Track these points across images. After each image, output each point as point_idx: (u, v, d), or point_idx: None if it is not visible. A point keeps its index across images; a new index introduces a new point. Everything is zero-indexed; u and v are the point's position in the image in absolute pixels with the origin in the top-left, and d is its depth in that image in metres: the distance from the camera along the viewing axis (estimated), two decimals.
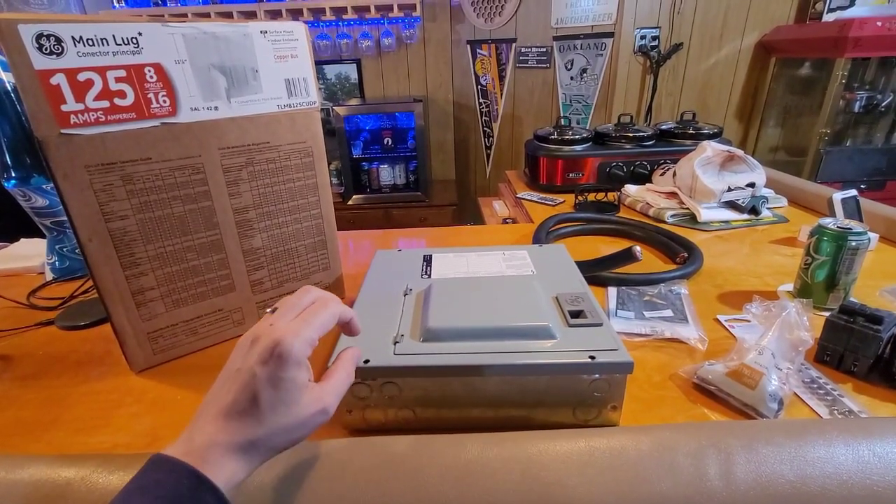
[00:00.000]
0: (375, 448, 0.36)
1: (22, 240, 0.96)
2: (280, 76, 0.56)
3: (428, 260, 0.63)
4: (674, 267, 0.77)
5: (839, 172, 1.99)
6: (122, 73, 0.46)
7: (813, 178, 1.96)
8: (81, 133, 0.46)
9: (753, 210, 0.99)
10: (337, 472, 0.35)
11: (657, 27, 2.08)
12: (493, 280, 0.56)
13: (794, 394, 0.48)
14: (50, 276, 0.81)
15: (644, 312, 0.63)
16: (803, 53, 2.05)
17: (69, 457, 0.36)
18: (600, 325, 0.46)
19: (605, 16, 2.04)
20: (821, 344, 0.53)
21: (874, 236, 0.83)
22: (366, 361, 0.41)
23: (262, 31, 0.53)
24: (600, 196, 1.13)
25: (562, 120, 1.32)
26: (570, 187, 1.19)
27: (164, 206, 0.52)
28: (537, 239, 0.89)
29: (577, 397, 0.43)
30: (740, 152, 1.02)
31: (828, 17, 2.03)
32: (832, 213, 0.89)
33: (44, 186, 0.72)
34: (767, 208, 1.03)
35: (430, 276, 0.59)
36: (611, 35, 2.05)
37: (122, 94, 0.47)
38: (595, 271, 0.71)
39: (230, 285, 0.60)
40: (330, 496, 0.33)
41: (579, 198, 1.11)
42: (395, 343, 0.44)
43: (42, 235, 0.81)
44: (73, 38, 0.43)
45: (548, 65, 2.30)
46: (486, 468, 0.34)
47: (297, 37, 0.56)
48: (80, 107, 0.45)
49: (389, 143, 2.77)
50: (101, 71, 0.45)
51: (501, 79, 2.55)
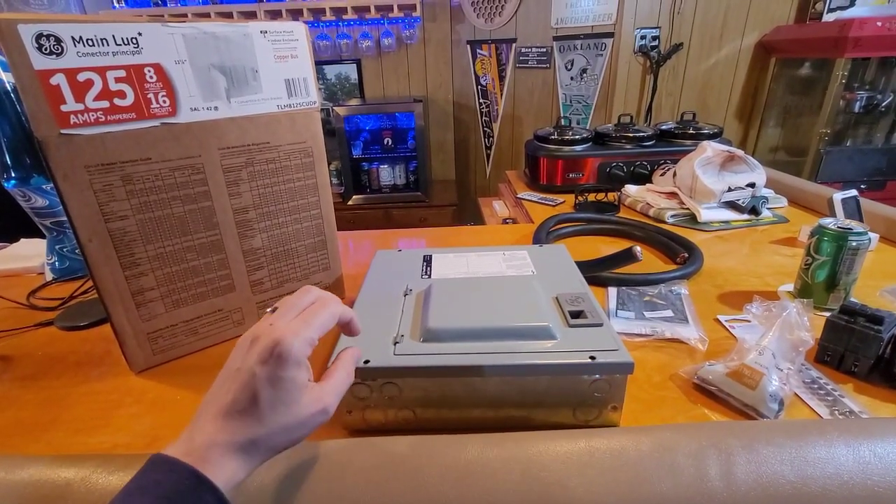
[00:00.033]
0: (375, 448, 0.36)
1: (22, 240, 0.96)
2: (280, 76, 0.56)
3: (428, 260, 0.63)
4: (674, 267, 0.77)
5: (839, 172, 1.99)
6: (122, 74, 0.46)
7: (813, 179, 1.96)
8: (81, 133, 0.46)
9: (754, 210, 0.99)
10: (337, 472, 0.35)
11: (657, 27, 2.08)
12: (494, 280, 0.56)
13: (795, 394, 0.48)
14: (50, 276, 0.81)
15: (644, 313, 0.63)
16: (803, 53, 2.05)
17: (69, 457, 0.36)
18: (600, 325, 0.46)
19: (605, 16, 2.04)
20: (821, 344, 0.53)
21: (874, 236, 0.83)
22: (366, 362, 0.41)
23: (262, 32, 0.53)
24: (600, 196, 1.13)
25: (562, 120, 1.32)
26: (571, 187, 1.19)
27: (164, 207, 0.52)
28: (537, 239, 0.89)
29: (578, 398, 0.43)
30: (740, 152, 1.02)
31: (828, 17, 2.03)
32: (832, 214, 0.88)
33: (44, 187, 0.72)
34: (768, 208, 1.03)
35: (430, 276, 0.59)
36: (611, 35, 2.05)
37: (122, 95, 0.47)
38: (595, 271, 0.71)
39: (230, 285, 0.60)
40: (330, 496, 0.33)
41: (579, 198, 1.11)
42: (395, 343, 0.44)
43: (42, 236, 0.81)
44: (73, 39, 0.43)
45: (548, 65, 2.30)
46: (487, 468, 0.34)
47: (297, 37, 0.56)
48: (80, 107, 0.45)
49: (389, 143, 2.77)
50: (101, 71, 0.45)
51: (501, 79, 2.55)
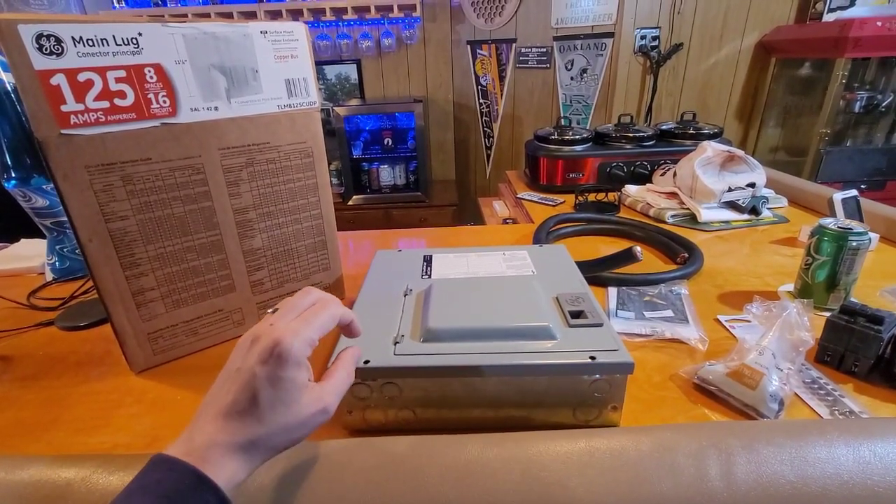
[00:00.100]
0: (375, 448, 0.36)
1: (22, 240, 0.96)
2: (280, 76, 0.56)
3: (428, 260, 0.63)
4: (674, 267, 0.77)
5: (839, 172, 1.99)
6: (122, 74, 0.46)
7: (813, 179, 1.96)
8: (81, 133, 0.46)
9: (754, 210, 0.99)
10: (337, 472, 0.35)
11: (657, 27, 2.08)
12: (494, 280, 0.56)
13: (795, 394, 0.48)
14: (50, 276, 0.81)
15: (644, 313, 0.63)
16: (803, 53, 2.05)
17: (69, 457, 0.36)
18: (601, 325, 0.46)
19: (605, 16, 2.04)
20: (821, 344, 0.53)
21: (874, 236, 0.83)
22: (366, 362, 0.41)
23: (262, 32, 0.53)
24: (600, 196, 1.13)
25: (562, 120, 1.32)
26: (571, 187, 1.19)
27: (165, 207, 0.52)
28: (537, 239, 0.89)
29: (578, 398, 0.43)
30: (740, 152, 1.02)
31: (828, 18, 2.03)
32: (832, 214, 0.88)
33: (44, 187, 0.72)
34: (768, 208, 1.03)
35: (430, 276, 0.59)
36: (611, 35, 2.05)
37: (122, 95, 0.47)
38: (595, 271, 0.71)
39: (230, 286, 0.60)
40: (330, 497, 0.33)
41: (579, 198, 1.11)
42: (395, 343, 0.44)
43: (42, 236, 0.81)
44: (73, 39, 0.43)
45: (548, 65, 2.30)
46: (487, 468, 0.34)
47: (298, 37, 0.56)
48: (80, 107, 0.45)
49: (389, 143, 2.77)
50: (101, 71, 0.45)
51: (501, 79, 2.55)
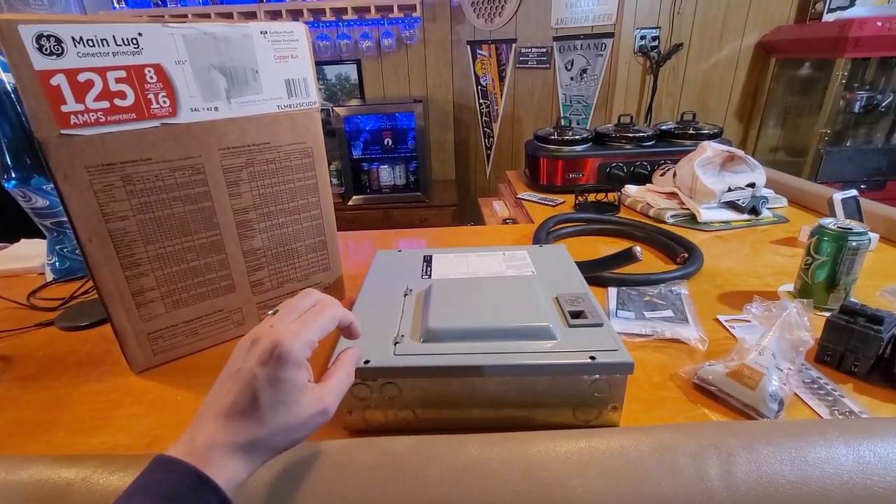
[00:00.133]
0: (376, 448, 0.36)
1: (22, 240, 0.96)
2: (280, 77, 0.56)
3: (428, 260, 0.63)
4: (674, 267, 0.77)
5: (839, 172, 1.99)
6: (123, 74, 0.46)
7: (813, 179, 1.96)
8: (81, 133, 0.46)
9: (753, 210, 0.99)
10: (337, 472, 0.35)
11: (657, 27, 2.08)
12: (494, 280, 0.56)
13: (795, 394, 0.48)
14: (50, 276, 0.81)
15: (644, 313, 0.63)
16: (803, 54, 2.05)
17: (69, 457, 0.36)
18: (600, 325, 0.46)
19: (605, 16, 2.04)
20: (821, 344, 0.53)
21: (874, 236, 0.83)
22: (366, 362, 0.41)
23: (262, 32, 0.53)
24: (600, 196, 1.13)
25: (562, 120, 1.32)
26: (571, 188, 1.19)
27: (165, 207, 0.52)
28: (537, 239, 0.89)
29: (578, 398, 0.43)
30: (740, 152, 1.02)
31: (828, 18, 2.03)
32: (832, 214, 0.88)
33: (44, 187, 0.72)
34: (767, 208, 1.03)
35: (430, 276, 0.59)
36: (611, 35, 2.05)
37: (123, 95, 0.47)
38: (595, 272, 0.71)
39: (230, 286, 0.60)
40: (330, 497, 0.33)
41: (579, 198, 1.11)
42: (395, 343, 0.44)
43: (42, 236, 0.81)
44: (74, 39, 0.43)
45: (548, 65, 2.30)
46: (487, 468, 0.34)
47: (297, 37, 0.56)
48: (81, 107, 0.45)
49: (389, 143, 2.77)
50: (101, 71, 0.45)
51: (501, 79, 2.55)
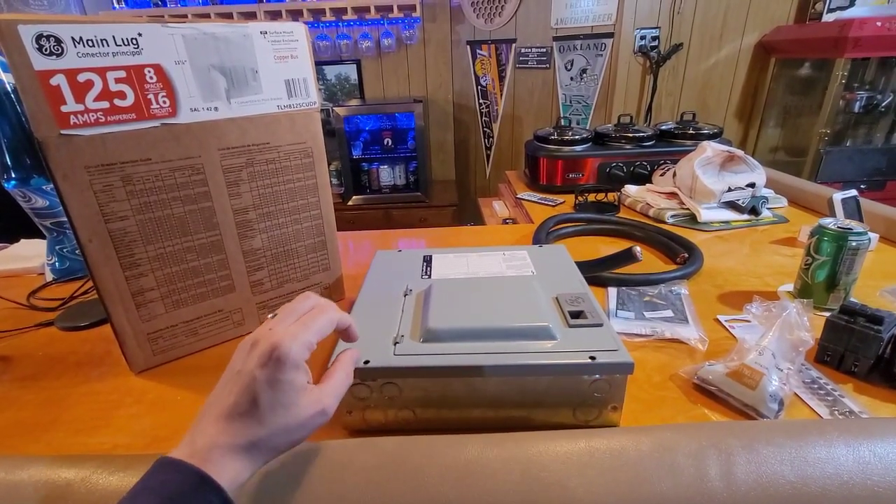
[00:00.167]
0: (375, 448, 0.36)
1: (22, 240, 0.96)
2: (280, 77, 0.56)
3: (428, 260, 0.63)
4: (674, 267, 0.77)
5: (839, 172, 1.99)
6: (122, 74, 0.46)
7: (813, 179, 1.96)
8: (81, 134, 0.46)
9: (753, 210, 0.99)
10: (337, 472, 0.35)
11: (657, 27, 2.08)
12: (494, 280, 0.56)
13: (795, 394, 0.48)
14: (50, 276, 0.81)
15: (644, 313, 0.63)
16: (803, 54, 2.05)
17: (69, 458, 0.36)
18: (600, 325, 0.46)
19: (605, 16, 2.04)
20: (821, 344, 0.53)
21: (874, 236, 0.83)
22: (366, 362, 0.41)
23: (261, 32, 0.53)
24: (600, 196, 1.13)
25: (562, 120, 1.32)
26: (570, 188, 1.19)
27: (164, 207, 0.52)
28: (537, 239, 0.89)
29: (578, 398, 0.43)
30: (740, 152, 1.02)
31: (827, 18, 2.03)
32: (832, 214, 0.88)
33: (44, 187, 0.72)
34: (767, 208, 1.03)
35: (430, 276, 0.59)
36: (611, 35, 2.05)
37: (122, 95, 0.47)
38: (595, 272, 0.71)
39: (230, 286, 0.60)
40: (330, 497, 0.33)
41: (579, 198, 1.11)
42: (395, 343, 0.44)
43: (42, 236, 0.81)
44: (73, 39, 0.43)
45: (548, 65, 2.30)
46: (487, 469, 0.34)
47: (297, 37, 0.56)
48: (80, 107, 0.45)
49: (389, 143, 2.77)
50: (101, 72, 0.45)
51: (501, 79, 2.55)
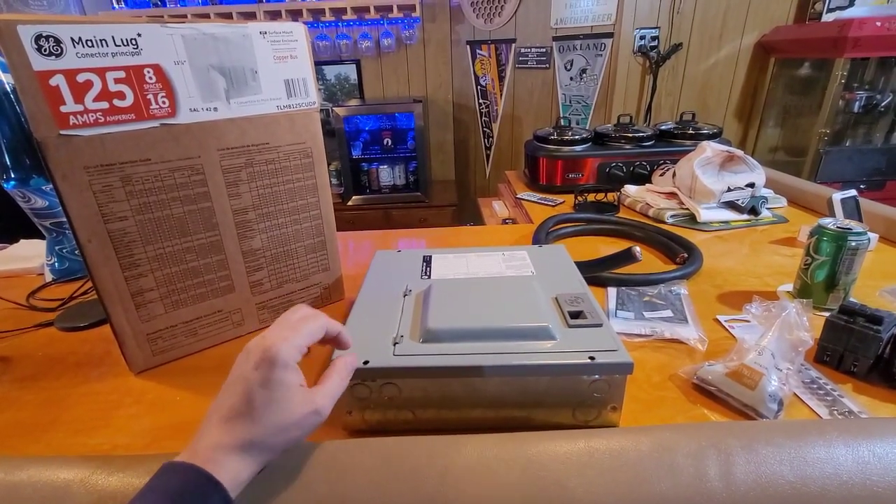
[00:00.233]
0: (375, 449, 0.36)
1: (21, 241, 0.96)
2: (279, 77, 0.56)
3: (427, 260, 0.63)
4: (673, 267, 0.77)
5: (839, 172, 1.99)
6: (122, 74, 0.46)
7: (812, 179, 1.96)
8: (80, 134, 0.46)
9: (753, 210, 0.99)
10: (337, 472, 0.35)
11: (657, 27, 2.08)
12: (493, 281, 0.56)
13: (794, 394, 0.48)
14: (49, 277, 0.80)
15: (644, 313, 0.63)
16: (803, 53, 2.05)
17: (68, 458, 0.36)
18: (600, 325, 0.46)
19: (605, 16, 2.04)
20: (821, 344, 0.53)
21: (874, 236, 0.83)
22: (365, 362, 0.41)
23: (261, 32, 0.53)
24: (600, 196, 1.13)
25: (561, 120, 1.32)
26: (570, 188, 1.19)
27: (164, 207, 0.52)
28: (537, 239, 0.89)
29: (577, 398, 0.43)
30: (740, 152, 1.02)
31: (827, 17, 2.03)
32: (832, 214, 0.89)
33: (43, 187, 0.72)
34: (767, 208, 1.03)
35: (429, 276, 0.59)
36: (610, 35, 2.06)
37: (122, 95, 0.47)
38: (595, 272, 0.71)
39: (230, 286, 0.60)
40: (330, 497, 0.33)
41: (579, 198, 1.11)
42: (394, 344, 0.44)
43: (42, 237, 0.81)
44: (73, 39, 0.43)
45: (547, 65, 2.30)
46: (486, 469, 0.34)
47: (297, 37, 0.56)
48: (80, 108, 0.45)
49: (389, 143, 2.77)
50: (101, 72, 0.45)
51: (501, 79, 2.55)
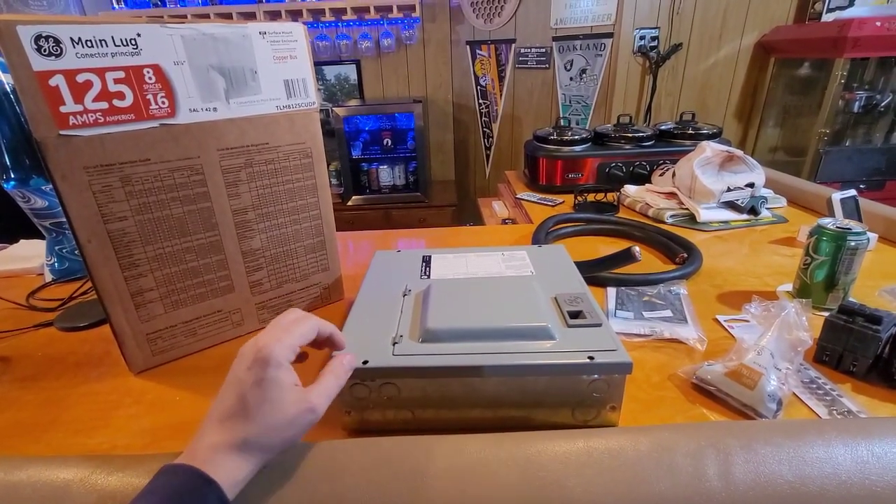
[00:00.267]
0: (374, 448, 0.36)
1: (21, 241, 0.96)
2: (279, 77, 0.56)
3: (427, 260, 0.63)
4: (673, 267, 0.77)
5: (838, 172, 1.99)
6: (121, 75, 0.46)
7: (812, 178, 1.96)
8: (80, 134, 0.46)
9: (753, 210, 0.99)
10: (336, 472, 0.35)
11: (656, 27, 2.08)
12: (493, 281, 0.56)
13: (793, 394, 0.48)
14: (49, 277, 0.80)
15: (643, 313, 0.63)
16: (802, 53, 2.05)
17: (68, 458, 0.36)
18: (599, 325, 0.46)
19: (605, 16, 2.04)
20: (820, 344, 0.53)
21: (873, 236, 0.83)
22: (364, 362, 0.41)
23: (260, 32, 0.53)
24: (599, 196, 1.13)
25: (561, 120, 1.32)
26: (570, 188, 1.19)
27: (163, 208, 0.52)
28: (536, 239, 0.89)
29: (576, 398, 0.43)
30: (739, 152, 1.02)
31: (827, 17, 2.03)
32: (831, 213, 0.89)
33: (43, 188, 0.72)
34: (767, 208, 1.03)
35: (429, 276, 0.59)
36: (610, 35, 2.06)
37: (121, 96, 0.47)
38: (594, 272, 0.71)
39: (229, 286, 0.60)
40: (329, 497, 0.33)
41: (579, 198, 1.11)
42: (393, 344, 0.44)
43: (41, 237, 0.81)
44: (72, 40, 0.43)
45: (547, 65, 2.30)
46: (485, 468, 0.34)
47: (296, 38, 0.56)
48: (79, 108, 0.45)
49: (389, 143, 2.77)
50: (100, 72, 0.45)
51: (501, 79, 2.55)
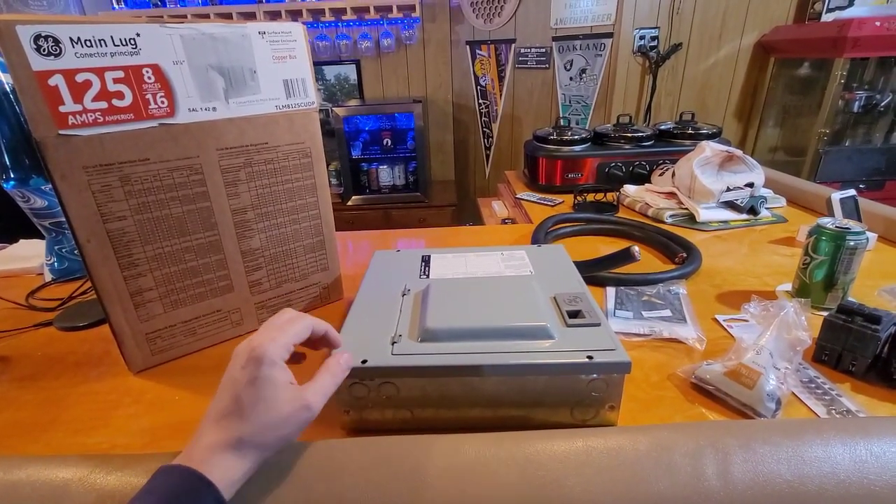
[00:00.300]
0: (373, 448, 0.36)
1: (21, 241, 0.96)
2: (278, 77, 0.56)
3: (426, 260, 0.63)
4: (672, 267, 0.77)
5: (838, 172, 1.99)
6: (121, 74, 0.46)
7: (812, 178, 1.96)
8: (79, 134, 0.46)
9: (752, 210, 0.99)
10: (335, 472, 0.35)
11: (656, 27, 2.08)
12: (492, 280, 0.56)
13: (792, 393, 0.48)
14: (49, 277, 0.81)
15: (642, 312, 0.63)
16: (802, 53, 2.05)
17: (67, 457, 0.36)
18: (598, 325, 0.46)
19: (605, 16, 2.04)
20: (819, 343, 0.53)
21: (873, 236, 0.83)
22: (363, 361, 0.41)
23: (260, 32, 0.53)
24: (599, 196, 1.13)
25: (561, 120, 1.32)
26: (569, 188, 1.19)
27: (163, 207, 0.52)
28: (536, 239, 0.89)
29: (575, 397, 0.43)
30: (739, 152, 1.02)
31: (827, 17, 2.03)
32: (831, 213, 0.89)
33: (42, 187, 0.72)
34: (766, 208, 1.03)
35: (428, 276, 0.59)
36: (610, 35, 2.06)
37: (121, 95, 0.47)
38: (593, 271, 0.71)
39: (228, 286, 0.60)
40: (328, 496, 0.33)
41: (578, 198, 1.11)
42: (392, 343, 0.44)
43: (41, 236, 0.81)
44: (72, 39, 0.43)
45: (547, 65, 2.30)
46: (484, 468, 0.34)
47: (296, 37, 0.56)
48: (79, 108, 0.45)
49: (389, 143, 2.77)
50: (100, 72, 0.45)
51: (501, 79, 2.55)
